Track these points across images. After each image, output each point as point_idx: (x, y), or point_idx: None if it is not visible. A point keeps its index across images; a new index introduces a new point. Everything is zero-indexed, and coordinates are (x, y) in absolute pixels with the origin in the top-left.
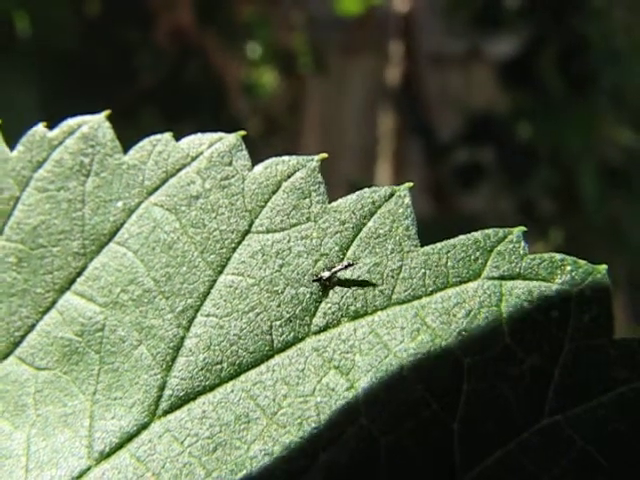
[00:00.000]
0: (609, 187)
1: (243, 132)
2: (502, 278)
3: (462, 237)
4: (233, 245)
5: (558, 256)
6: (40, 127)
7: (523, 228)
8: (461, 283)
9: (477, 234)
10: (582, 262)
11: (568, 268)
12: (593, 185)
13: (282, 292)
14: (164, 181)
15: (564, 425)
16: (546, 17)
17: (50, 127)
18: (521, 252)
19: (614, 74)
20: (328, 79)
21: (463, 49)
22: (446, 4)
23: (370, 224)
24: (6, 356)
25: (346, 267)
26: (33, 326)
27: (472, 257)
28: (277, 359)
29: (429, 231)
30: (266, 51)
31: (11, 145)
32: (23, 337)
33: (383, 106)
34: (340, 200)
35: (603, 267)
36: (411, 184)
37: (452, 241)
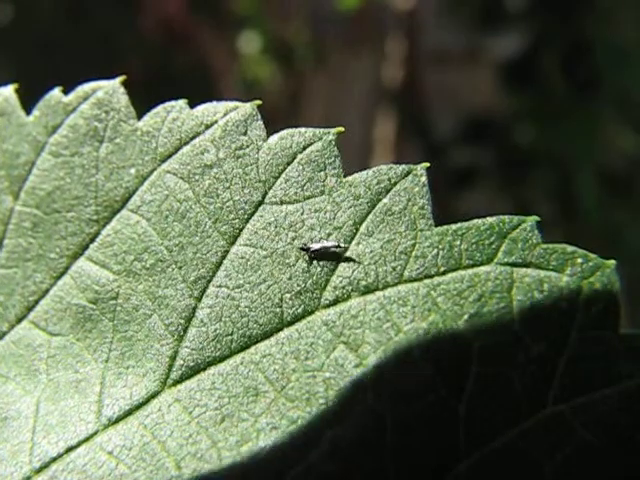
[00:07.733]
0: (609, 193)
1: (259, 102)
2: (514, 265)
3: (477, 221)
4: (246, 216)
5: (569, 248)
6: (56, 92)
7: (537, 218)
8: (473, 266)
9: (492, 219)
10: (592, 256)
11: (579, 260)
12: (590, 190)
13: (294, 265)
14: (177, 149)
15: (567, 414)
16: (550, 17)
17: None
18: (534, 241)
19: (619, 76)
20: (328, 75)
21: (464, 47)
22: (449, 1)
23: (385, 200)
24: (20, 320)
25: (335, 247)
26: (47, 291)
27: (486, 241)
28: (286, 332)
29: None
30: (264, 43)
31: None
32: (37, 302)
33: (382, 104)
34: (356, 175)
35: (611, 262)
36: (428, 164)
37: (467, 223)
